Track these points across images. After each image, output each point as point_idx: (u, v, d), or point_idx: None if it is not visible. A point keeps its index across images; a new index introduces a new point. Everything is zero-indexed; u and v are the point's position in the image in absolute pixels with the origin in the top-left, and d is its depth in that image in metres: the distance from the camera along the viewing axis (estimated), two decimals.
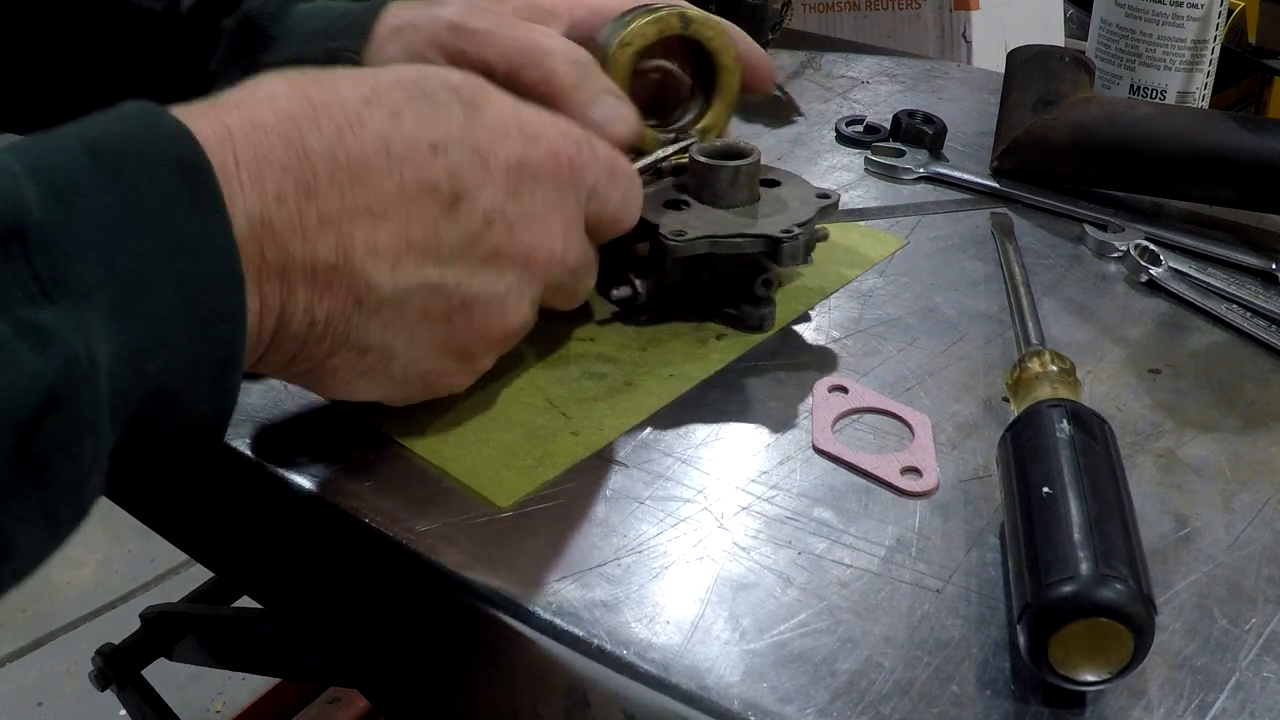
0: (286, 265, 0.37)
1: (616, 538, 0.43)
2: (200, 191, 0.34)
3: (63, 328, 0.30)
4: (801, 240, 0.52)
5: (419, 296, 0.41)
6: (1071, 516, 0.37)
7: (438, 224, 0.40)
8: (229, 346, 0.35)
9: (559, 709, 0.40)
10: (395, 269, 0.40)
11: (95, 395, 0.31)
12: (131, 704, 1.04)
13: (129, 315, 0.32)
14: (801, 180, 0.57)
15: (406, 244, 0.40)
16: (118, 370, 0.32)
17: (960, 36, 1.06)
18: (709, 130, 0.58)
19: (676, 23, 0.55)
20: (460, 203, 0.40)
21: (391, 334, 0.41)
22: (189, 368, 0.34)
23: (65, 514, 0.31)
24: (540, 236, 0.43)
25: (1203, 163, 0.65)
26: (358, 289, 0.39)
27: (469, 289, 0.42)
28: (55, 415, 0.29)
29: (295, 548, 0.49)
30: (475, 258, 0.41)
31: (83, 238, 0.31)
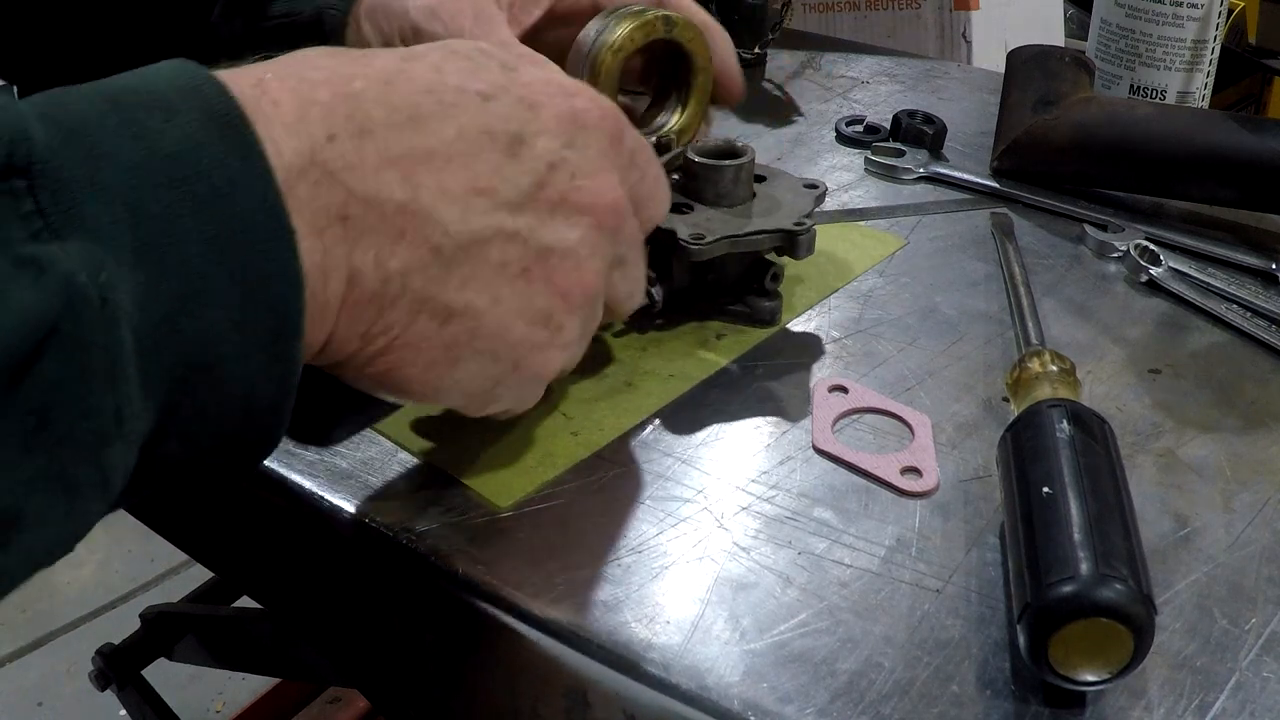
0: (348, 206, 0.34)
1: (616, 538, 0.43)
2: (232, 136, 0.31)
3: (66, 259, 0.27)
4: (814, 231, 0.53)
5: (495, 246, 0.37)
6: (1071, 516, 0.37)
7: (502, 168, 0.37)
8: (282, 309, 0.31)
9: (559, 709, 0.41)
10: (467, 212, 0.36)
11: (111, 341, 0.27)
12: (131, 704, 1.04)
13: (156, 263, 0.29)
14: (785, 173, 0.58)
15: (475, 187, 0.37)
16: (146, 326, 0.28)
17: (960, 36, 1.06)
18: (684, 131, 0.59)
19: (661, 27, 0.56)
20: (520, 147, 0.38)
21: (473, 292, 0.37)
22: (233, 333, 0.30)
23: (83, 480, 0.28)
24: (603, 185, 0.40)
25: (1203, 163, 0.65)
26: (432, 234, 0.36)
27: (543, 238, 0.39)
28: (55, 354, 0.26)
29: (295, 548, 0.49)
30: (543, 204, 0.39)
31: (97, 177, 0.28)
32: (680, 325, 0.55)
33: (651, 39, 0.56)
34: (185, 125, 0.30)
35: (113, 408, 0.28)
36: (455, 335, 0.37)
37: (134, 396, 0.28)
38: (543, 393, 0.43)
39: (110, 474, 0.28)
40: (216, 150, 0.30)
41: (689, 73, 0.58)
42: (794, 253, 0.53)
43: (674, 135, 0.58)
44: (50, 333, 0.26)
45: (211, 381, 0.30)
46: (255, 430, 0.33)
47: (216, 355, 0.30)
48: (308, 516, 0.45)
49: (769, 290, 0.55)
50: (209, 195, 0.30)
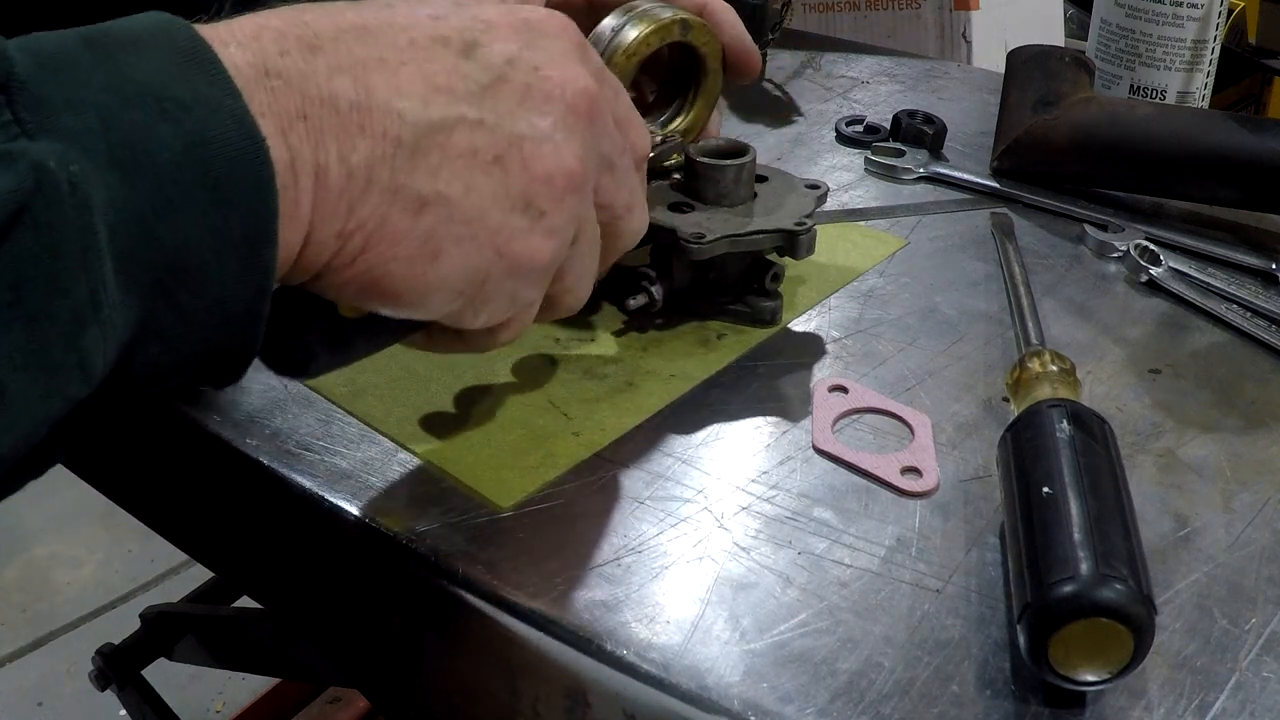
0: (305, 106, 0.35)
1: (617, 538, 0.43)
2: (198, 64, 0.33)
3: (35, 148, 0.29)
4: (814, 231, 0.53)
5: (459, 133, 0.38)
6: (1071, 516, 0.37)
7: (458, 67, 0.38)
8: (255, 213, 0.33)
9: (559, 709, 0.41)
10: (426, 103, 0.37)
11: (83, 224, 0.29)
12: (131, 704, 1.04)
13: (130, 169, 0.30)
14: (786, 173, 0.58)
15: (431, 85, 0.38)
16: (122, 226, 0.30)
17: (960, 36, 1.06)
18: (688, 131, 0.59)
19: (678, 31, 0.56)
20: (475, 49, 0.39)
21: (444, 180, 0.38)
22: (209, 237, 0.32)
23: (60, 360, 0.29)
24: (570, 74, 0.41)
25: (1203, 163, 0.65)
26: (390, 125, 0.37)
27: (512, 126, 0.39)
28: (25, 230, 0.28)
29: (295, 547, 0.49)
30: (506, 94, 0.39)
31: (71, 96, 0.30)
32: (681, 325, 0.55)
33: (666, 43, 0.56)
34: (155, 58, 0.32)
35: (86, 290, 0.29)
36: (431, 225, 0.38)
37: (109, 286, 0.30)
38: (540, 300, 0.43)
39: (87, 357, 0.30)
40: (184, 74, 0.32)
41: (700, 74, 0.58)
42: (794, 253, 0.53)
43: (679, 134, 0.58)
44: (19, 210, 0.28)
45: (189, 286, 0.32)
46: (233, 337, 0.34)
47: (193, 260, 0.32)
48: (307, 516, 0.45)
49: (769, 290, 0.55)
50: (177, 110, 0.31)
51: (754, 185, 0.56)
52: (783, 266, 0.55)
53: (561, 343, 0.54)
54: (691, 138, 0.59)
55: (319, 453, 0.47)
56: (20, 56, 0.30)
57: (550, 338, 0.54)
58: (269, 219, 0.33)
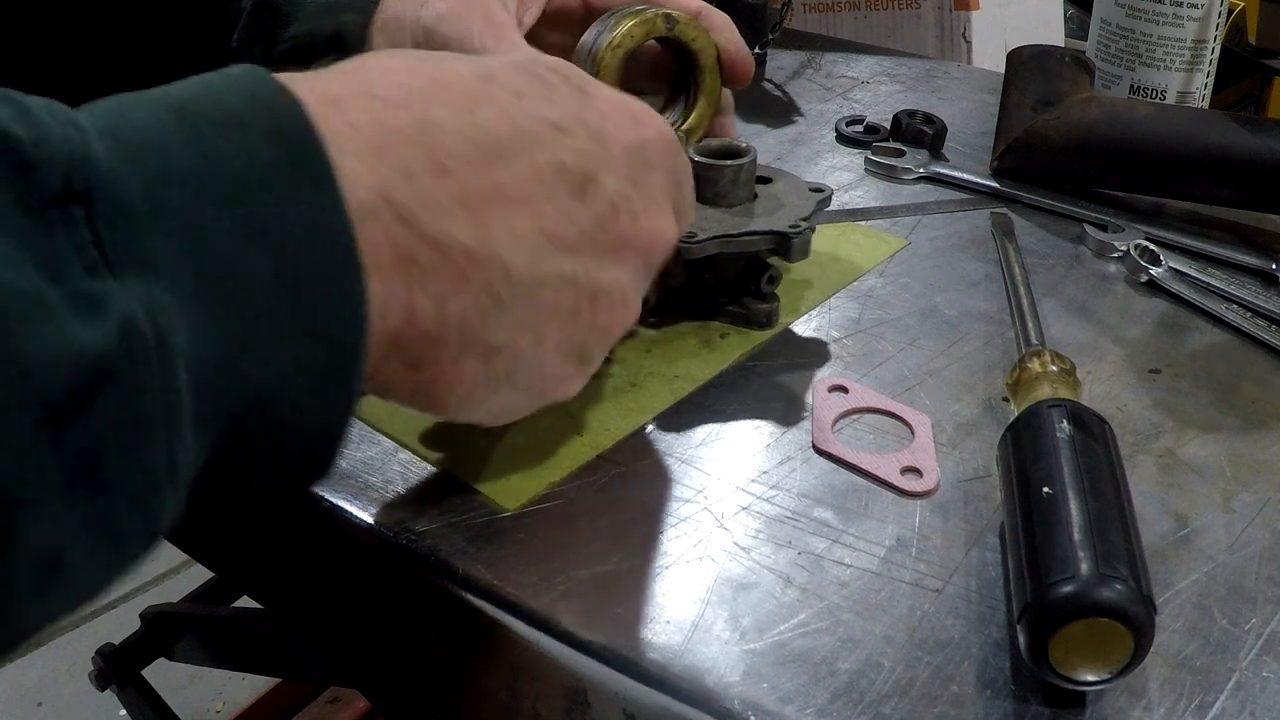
0: (416, 248, 0.32)
1: (617, 538, 0.43)
2: (305, 162, 0.29)
3: (123, 297, 0.25)
4: (809, 234, 0.53)
5: (552, 289, 0.37)
6: (1071, 516, 0.37)
7: (570, 209, 0.37)
8: (346, 347, 0.30)
9: (559, 709, 0.41)
10: (533, 257, 0.36)
11: (166, 383, 0.26)
12: (131, 704, 1.04)
13: (217, 300, 0.27)
14: (791, 175, 0.58)
15: (542, 230, 0.36)
16: (204, 367, 0.27)
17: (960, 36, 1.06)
18: (692, 131, 0.59)
19: (662, 24, 0.56)
20: (589, 185, 0.37)
21: (521, 333, 0.37)
22: (295, 370, 0.29)
23: (129, 529, 0.26)
24: (660, 224, 0.40)
25: (1203, 163, 0.65)
26: (495, 279, 0.35)
27: (598, 281, 0.38)
28: (108, 397, 0.25)
29: (295, 548, 0.49)
30: (603, 247, 0.38)
31: (157, 203, 0.26)
32: (684, 326, 0.55)
33: (652, 36, 0.56)
34: (254, 145, 0.29)
35: (166, 455, 0.26)
36: (495, 371, 0.37)
37: (187, 439, 0.27)
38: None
39: (157, 521, 0.27)
40: (287, 176, 0.29)
41: (696, 72, 0.58)
42: (787, 255, 0.53)
43: (683, 135, 0.58)
44: (105, 374, 0.25)
45: (267, 420, 0.29)
46: (308, 462, 0.32)
47: (274, 395, 0.29)
48: (307, 516, 0.45)
49: (764, 293, 0.55)
50: (275, 228, 0.28)
51: (754, 186, 0.56)
52: (779, 269, 0.55)
53: None
54: (697, 137, 0.59)
55: None
56: (101, 146, 0.26)
57: None
58: (358, 353, 0.31)
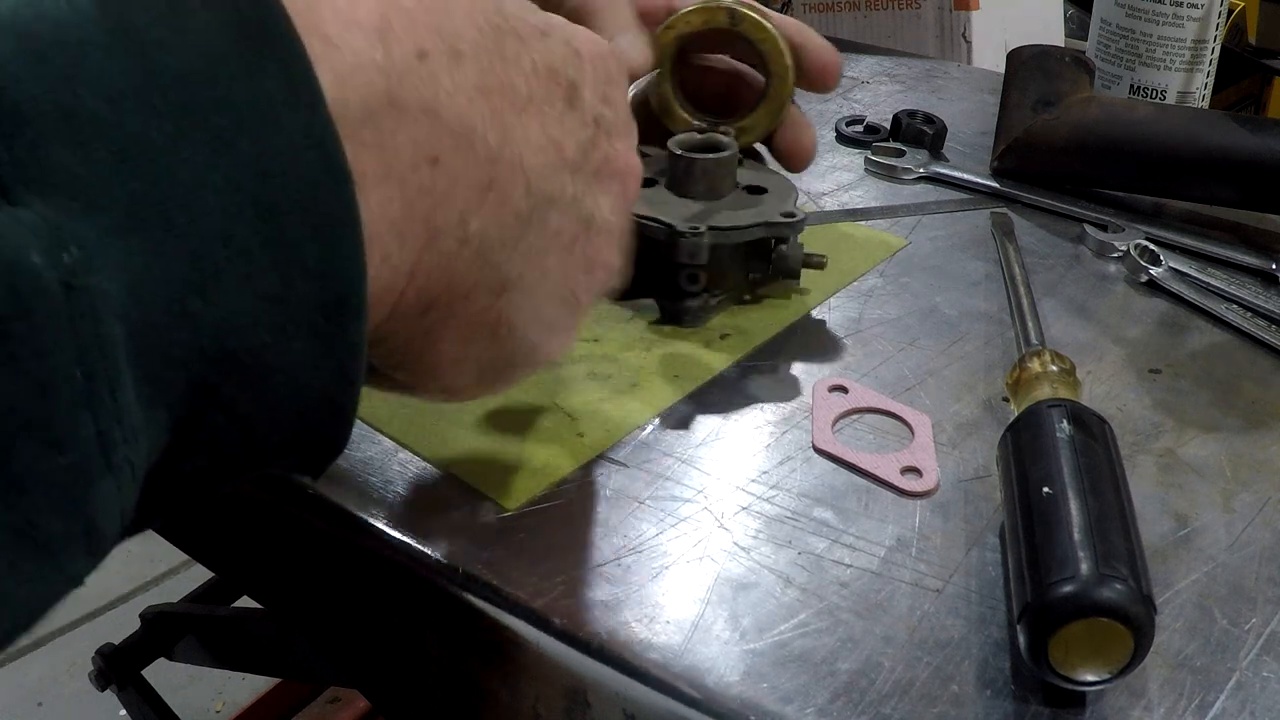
0: (440, 144, 0.27)
1: (616, 538, 0.43)
2: (268, 45, 0.23)
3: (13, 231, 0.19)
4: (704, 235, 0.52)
5: (558, 210, 0.32)
6: (1071, 516, 0.37)
7: (565, 118, 0.32)
8: (337, 279, 0.24)
9: (559, 709, 0.41)
10: (546, 167, 0.31)
11: (87, 343, 0.20)
12: (131, 704, 1.04)
13: (156, 227, 0.21)
14: (784, 180, 0.57)
15: (548, 137, 0.31)
16: (146, 315, 0.21)
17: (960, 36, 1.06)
18: (745, 131, 0.58)
19: (724, 17, 0.56)
20: (575, 95, 0.33)
21: (530, 263, 0.32)
22: (271, 312, 0.23)
23: (59, 532, 0.20)
24: (629, 149, 0.37)
25: (1203, 163, 0.65)
26: (516, 191, 0.30)
27: (588, 206, 0.34)
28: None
29: (295, 548, 0.49)
30: (592, 167, 0.34)
31: (72, 110, 0.20)
32: (683, 326, 0.55)
33: (711, 26, 0.56)
34: (203, 31, 0.22)
35: (93, 433, 0.20)
36: (501, 311, 0.32)
37: (128, 412, 0.21)
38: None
39: (96, 521, 0.21)
40: (243, 63, 0.23)
41: (765, 75, 0.57)
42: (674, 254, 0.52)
43: (732, 131, 0.58)
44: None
45: (243, 378, 0.23)
46: (309, 435, 0.26)
47: (248, 344, 0.23)
48: (307, 516, 0.45)
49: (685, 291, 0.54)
50: (233, 131, 0.22)
51: (735, 181, 0.56)
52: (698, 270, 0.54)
53: None
54: (751, 139, 0.58)
55: None
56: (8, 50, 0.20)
57: None
58: (358, 285, 0.25)
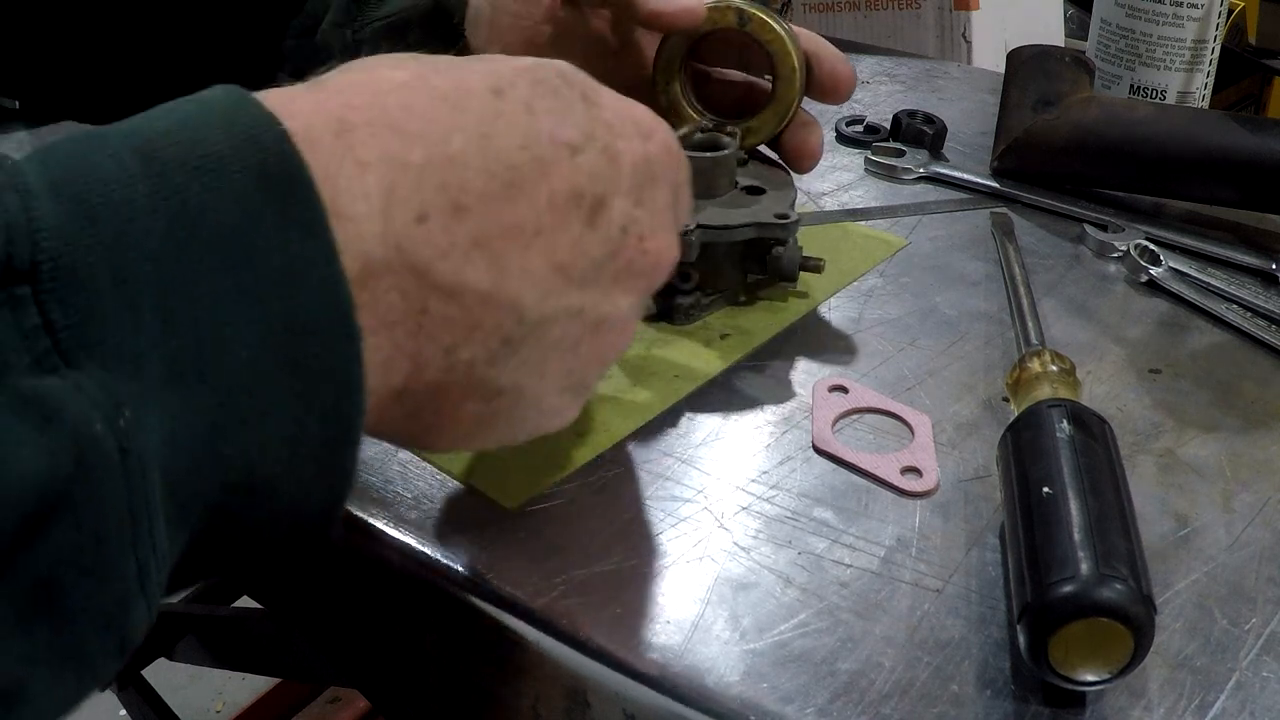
0: (428, 298, 0.30)
1: (617, 538, 0.43)
2: (293, 209, 0.26)
3: (78, 401, 0.22)
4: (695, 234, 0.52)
5: (559, 325, 0.34)
6: (1071, 516, 0.37)
7: (581, 239, 0.34)
8: (341, 420, 0.27)
9: (559, 709, 0.41)
10: (544, 294, 0.33)
11: (134, 496, 0.23)
12: (131, 704, 1.04)
13: (192, 381, 0.24)
14: (786, 181, 0.57)
15: (555, 264, 0.33)
16: (179, 460, 0.24)
17: (960, 36, 1.06)
18: (751, 132, 0.58)
19: (733, 17, 0.56)
20: (600, 210, 0.35)
21: (525, 372, 0.34)
22: (284, 450, 0.26)
23: (98, 650, 0.24)
24: (664, 247, 0.38)
25: (1203, 163, 0.65)
26: (506, 322, 0.32)
27: (602, 311, 0.36)
28: (65, 522, 0.22)
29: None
30: (610, 274, 0.36)
31: (121, 272, 0.23)
32: (684, 326, 0.55)
33: (720, 27, 0.56)
34: (236, 192, 0.25)
35: (135, 569, 0.24)
36: (495, 411, 0.34)
37: (159, 543, 0.24)
38: None
39: (129, 635, 0.25)
40: (272, 225, 0.25)
41: (773, 76, 0.57)
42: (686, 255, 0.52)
43: (738, 131, 0.58)
44: (58, 500, 0.22)
45: (255, 502, 0.26)
46: (299, 540, 0.29)
47: (261, 476, 0.26)
48: None
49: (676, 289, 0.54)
50: (261, 288, 0.25)
51: (731, 184, 0.56)
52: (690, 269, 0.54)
53: None
54: (755, 140, 0.58)
55: None
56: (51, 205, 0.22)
57: None
58: (355, 421, 0.27)
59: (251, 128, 0.26)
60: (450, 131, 0.30)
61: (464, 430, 0.34)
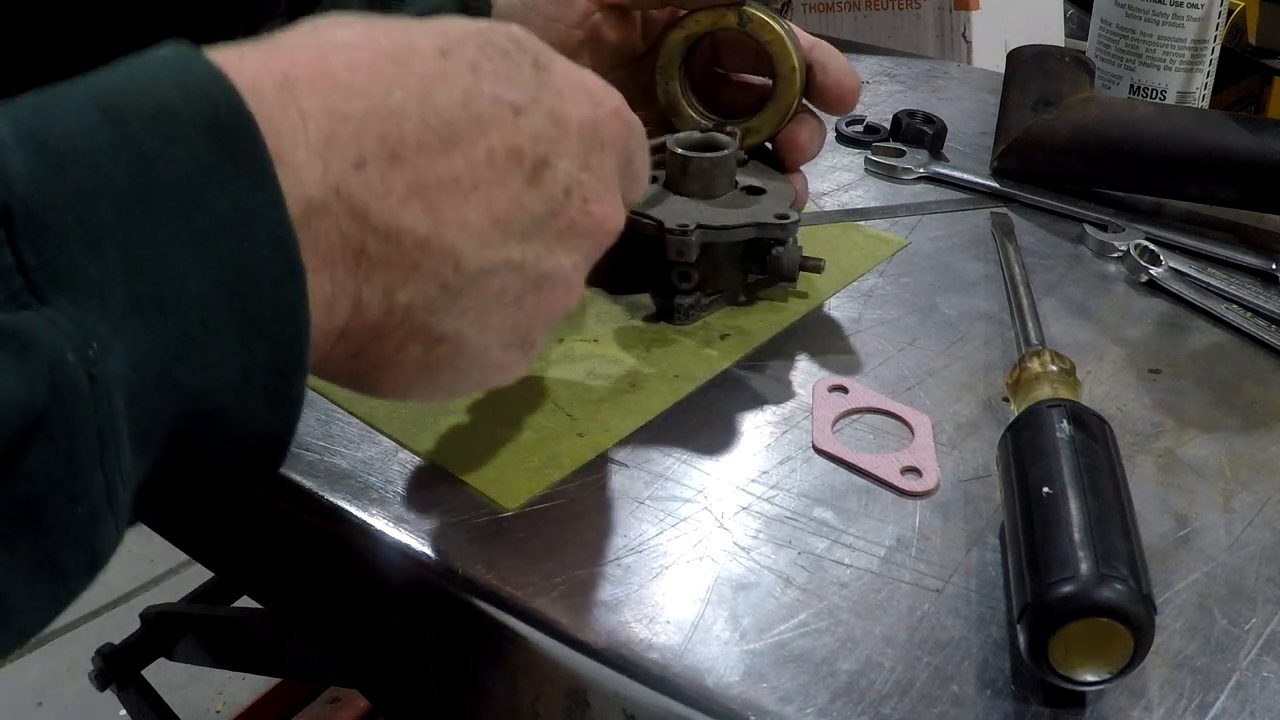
0: (366, 240, 0.32)
1: (617, 538, 0.43)
2: (244, 157, 0.28)
3: (51, 333, 0.24)
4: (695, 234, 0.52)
5: (499, 277, 0.36)
6: (1071, 516, 0.37)
7: (522, 195, 0.36)
8: (288, 349, 0.30)
9: (559, 709, 0.41)
10: (483, 244, 0.35)
11: (102, 418, 0.25)
12: (131, 704, 1.04)
13: (152, 314, 0.26)
14: (783, 182, 0.57)
15: (494, 217, 0.35)
16: (140, 384, 0.26)
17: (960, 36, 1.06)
18: (751, 132, 0.58)
19: (733, 18, 0.56)
20: (543, 169, 0.37)
21: (467, 321, 0.36)
22: (236, 377, 0.28)
23: (71, 564, 0.26)
24: (608, 207, 0.40)
25: (1203, 163, 0.65)
26: (444, 269, 0.34)
27: (544, 266, 0.38)
28: (41, 444, 0.24)
29: (295, 548, 0.49)
30: (552, 232, 0.38)
31: (87, 217, 0.25)
32: (684, 326, 0.55)
33: (720, 28, 0.57)
34: (189, 141, 0.27)
35: (103, 486, 0.26)
36: (439, 357, 0.37)
37: (126, 464, 0.27)
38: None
39: (98, 553, 0.27)
40: (223, 174, 0.28)
41: (772, 76, 0.57)
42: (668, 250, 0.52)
43: (738, 131, 0.58)
44: (35, 426, 0.24)
45: (210, 428, 0.29)
46: (253, 466, 0.31)
47: (216, 403, 0.28)
48: (307, 516, 0.45)
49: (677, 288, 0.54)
50: (213, 231, 0.27)
51: (731, 184, 0.56)
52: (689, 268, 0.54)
53: (565, 343, 0.54)
54: (755, 140, 0.58)
55: (319, 452, 0.47)
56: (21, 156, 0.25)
57: (554, 338, 0.54)
58: (301, 353, 0.30)
59: (202, 81, 0.28)
60: (391, 87, 0.32)
61: (408, 375, 0.36)
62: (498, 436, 0.47)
